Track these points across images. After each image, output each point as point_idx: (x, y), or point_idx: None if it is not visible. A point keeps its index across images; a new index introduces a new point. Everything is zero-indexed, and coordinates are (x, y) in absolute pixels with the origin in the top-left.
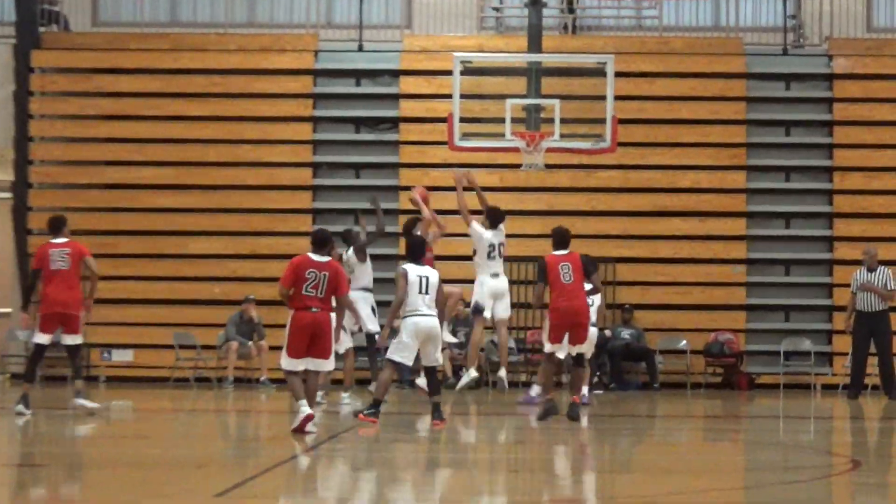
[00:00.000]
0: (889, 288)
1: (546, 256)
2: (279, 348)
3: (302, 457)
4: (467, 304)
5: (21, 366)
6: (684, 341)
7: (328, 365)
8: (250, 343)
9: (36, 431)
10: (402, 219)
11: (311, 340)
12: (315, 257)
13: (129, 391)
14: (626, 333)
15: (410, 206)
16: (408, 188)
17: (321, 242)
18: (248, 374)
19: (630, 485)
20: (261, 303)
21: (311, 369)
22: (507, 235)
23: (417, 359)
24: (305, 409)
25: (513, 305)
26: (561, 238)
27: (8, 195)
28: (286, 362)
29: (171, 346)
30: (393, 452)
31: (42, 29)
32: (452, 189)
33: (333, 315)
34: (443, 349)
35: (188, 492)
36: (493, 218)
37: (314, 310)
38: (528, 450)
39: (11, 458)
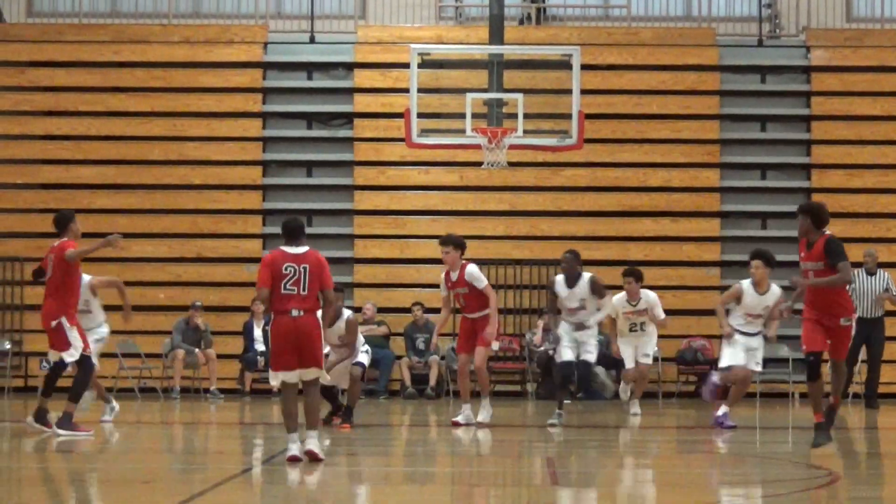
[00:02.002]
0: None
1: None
2: (228, 356)
3: (254, 470)
4: (426, 311)
5: None
6: (656, 348)
7: (322, 374)
8: (197, 351)
9: None
10: (357, 220)
11: (297, 348)
12: (290, 249)
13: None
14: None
15: (365, 207)
16: (363, 188)
17: (294, 232)
18: (195, 383)
19: (597, 500)
20: (208, 309)
21: (305, 381)
22: (467, 237)
23: None
24: (294, 446)
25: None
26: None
27: None
28: (271, 376)
29: (114, 355)
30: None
31: None
32: (409, 188)
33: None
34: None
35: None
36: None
37: (295, 313)
38: (484, 463)
39: None
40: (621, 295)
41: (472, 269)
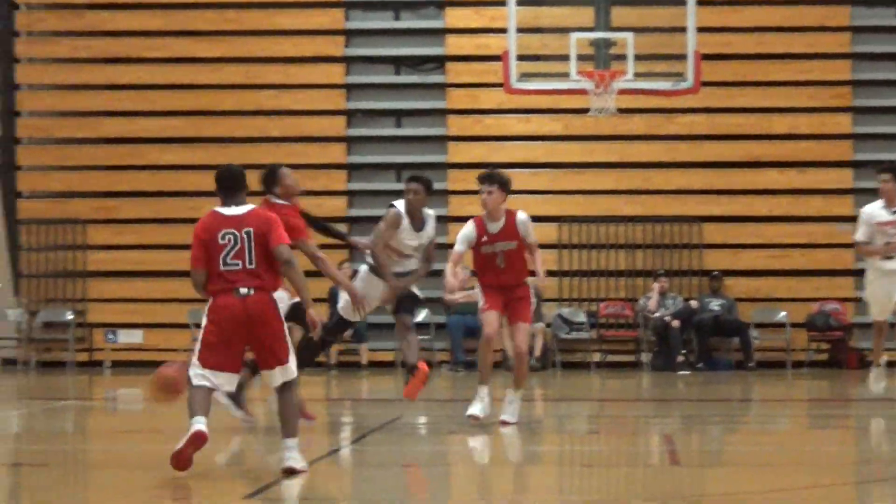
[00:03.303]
0: None
1: None
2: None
3: (344, 449)
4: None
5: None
6: (783, 313)
7: (288, 373)
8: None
9: (30, 425)
10: (452, 174)
11: (249, 338)
12: (226, 211)
13: (138, 378)
14: (714, 304)
15: (460, 160)
16: (457, 138)
17: (232, 184)
18: None
19: (721, 481)
20: None
21: (270, 383)
22: (573, 191)
23: None
24: (200, 425)
25: (578, 273)
26: None
27: None
28: (192, 371)
29: (185, 326)
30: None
31: None
32: (508, 139)
33: (280, 293)
34: None
35: (215, 495)
36: None
37: (243, 291)
38: (606, 441)
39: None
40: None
41: (524, 216)
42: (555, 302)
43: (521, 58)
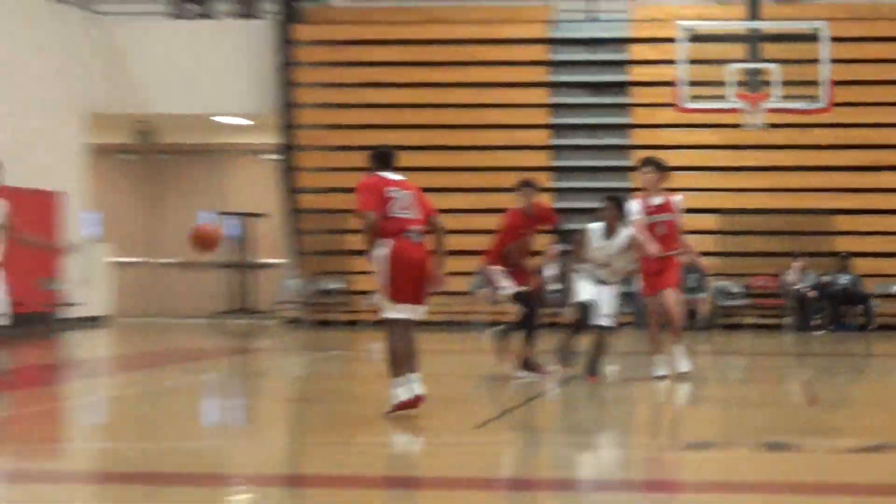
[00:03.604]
0: None
1: None
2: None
3: (551, 391)
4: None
5: (295, 311)
6: None
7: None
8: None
9: (308, 370)
10: (633, 176)
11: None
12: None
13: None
14: (843, 279)
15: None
16: (638, 147)
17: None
18: (499, 316)
19: (849, 417)
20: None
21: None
22: (725, 189)
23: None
24: (404, 390)
25: (734, 254)
26: None
27: (277, 157)
28: (390, 308)
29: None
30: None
31: (301, 4)
32: (678, 147)
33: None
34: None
35: (447, 424)
36: None
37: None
38: (757, 387)
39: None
40: None
41: (679, 198)
42: (715, 276)
43: (689, 84)
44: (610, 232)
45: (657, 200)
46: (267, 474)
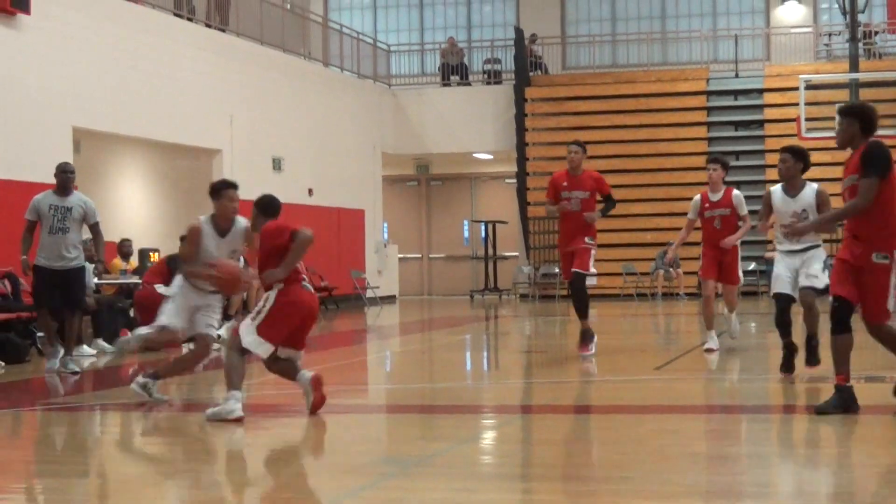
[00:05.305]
0: None
1: None
2: (693, 273)
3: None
4: None
5: (526, 289)
6: None
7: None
8: (671, 270)
9: (534, 331)
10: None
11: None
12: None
13: (594, 303)
14: None
15: (775, 177)
16: (772, 166)
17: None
18: (670, 290)
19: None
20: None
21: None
22: (833, 194)
23: None
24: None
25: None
26: None
27: (514, 181)
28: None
29: (620, 274)
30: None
31: (531, 73)
32: None
33: None
34: None
35: (637, 366)
36: None
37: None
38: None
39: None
40: None
41: (738, 192)
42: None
43: (807, 119)
44: (792, 189)
45: (715, 196)
46: (507, 405)
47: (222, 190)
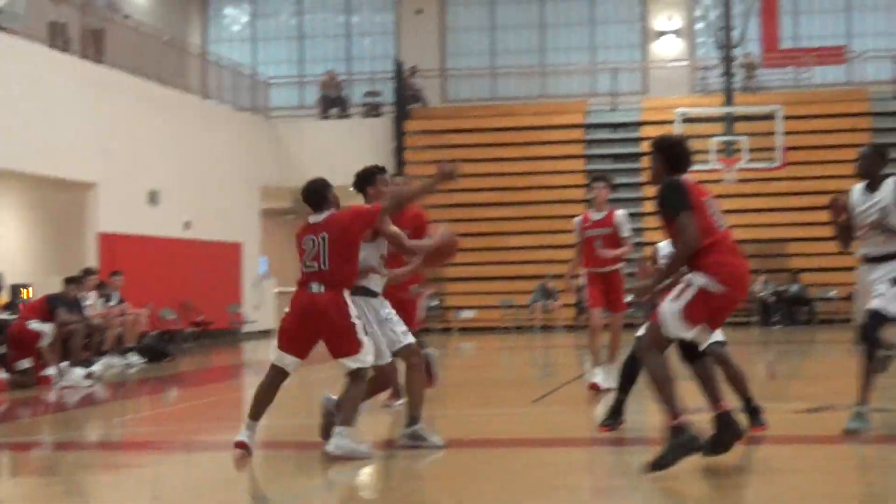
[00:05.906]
0: None
1: None
2: (574, 305)
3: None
4: None
5: None
6: (833, 292)
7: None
8: (549, 302)
9: None
10: (645, 219)
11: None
12: (312, 218)
13: (472, 336)
14: (794, 288)
15: (651, 208)
16: (650, 198)
17: (312, 197)
18: (549, 322)
19: (799, 386)
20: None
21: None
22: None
23: None
24: (244, 433)
25: None
26: None
27: None
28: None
29: (497, 307)
30: None
31: (410, 106)
32: None
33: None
34: None
35: (512, 399)
36: None
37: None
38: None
39: None
40: None
41: (621, 213)
42: None
43: None
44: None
45: (597, 216)
46: (383, 440)
47: (376, 175)
